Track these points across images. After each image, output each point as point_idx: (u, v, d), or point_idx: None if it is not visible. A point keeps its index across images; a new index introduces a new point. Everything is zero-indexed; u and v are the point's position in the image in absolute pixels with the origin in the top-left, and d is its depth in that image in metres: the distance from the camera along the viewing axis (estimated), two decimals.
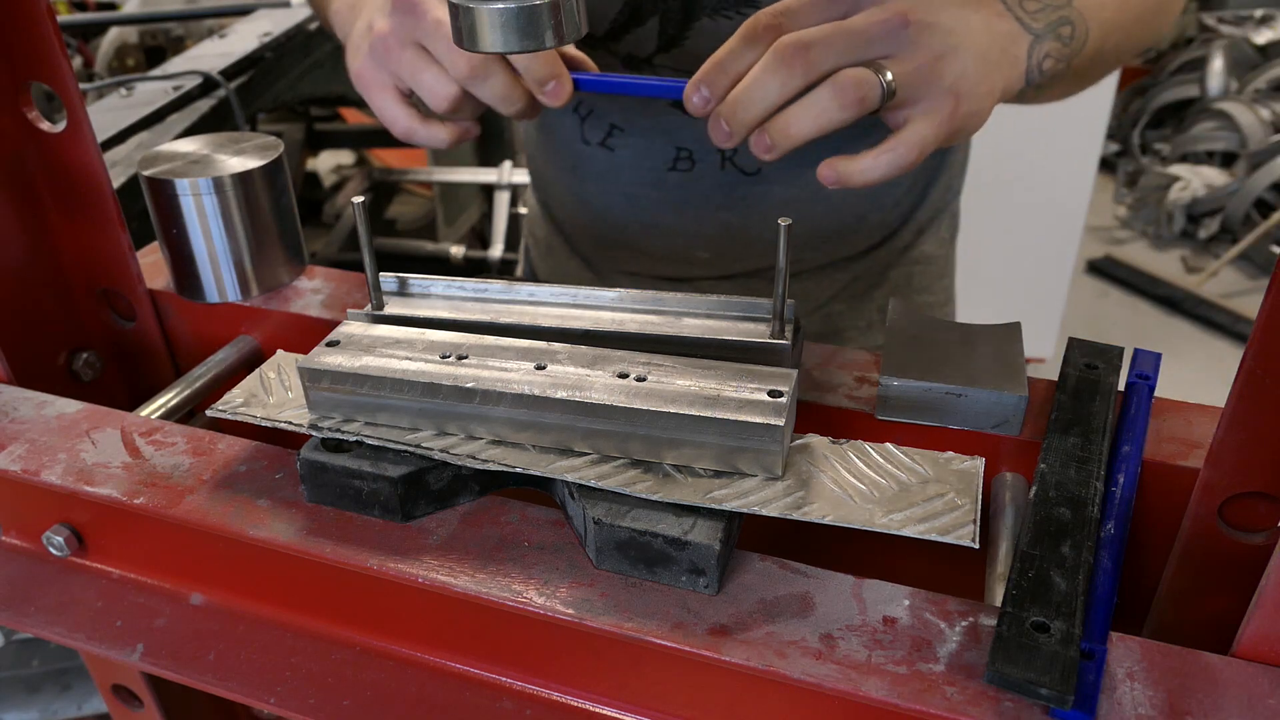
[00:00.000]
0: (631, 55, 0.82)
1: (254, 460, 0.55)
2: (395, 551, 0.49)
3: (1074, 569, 0.43)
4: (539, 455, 0.51)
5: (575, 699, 0.49)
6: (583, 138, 0.90)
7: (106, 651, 0.55)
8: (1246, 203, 3.40)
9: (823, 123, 0.57)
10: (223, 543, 0.53)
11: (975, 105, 0.60)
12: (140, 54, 1.95)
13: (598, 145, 0.89)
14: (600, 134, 0.88)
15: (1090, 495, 0.47)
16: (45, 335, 0.71)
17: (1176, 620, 0.53)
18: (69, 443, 0.58)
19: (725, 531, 0.46)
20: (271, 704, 0.52)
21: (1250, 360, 0.44)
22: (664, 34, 0.80)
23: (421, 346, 0.54)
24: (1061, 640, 0.40)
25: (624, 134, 0.87)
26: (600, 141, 0.88)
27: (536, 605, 0.46)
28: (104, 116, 1.26)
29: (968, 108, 0.60)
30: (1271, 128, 3.48)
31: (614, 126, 0.87)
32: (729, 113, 0.59)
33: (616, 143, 0.88)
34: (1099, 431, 0.52)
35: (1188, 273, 3.43)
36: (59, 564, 0.60)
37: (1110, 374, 0.57)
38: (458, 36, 0.52)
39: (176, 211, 0.67)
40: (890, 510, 0.46)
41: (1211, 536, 0.50)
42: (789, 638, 0.43)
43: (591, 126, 0.88)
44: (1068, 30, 0.65)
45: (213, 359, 0.70)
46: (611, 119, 0.87)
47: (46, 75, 0.63)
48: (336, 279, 0.74)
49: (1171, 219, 3.58)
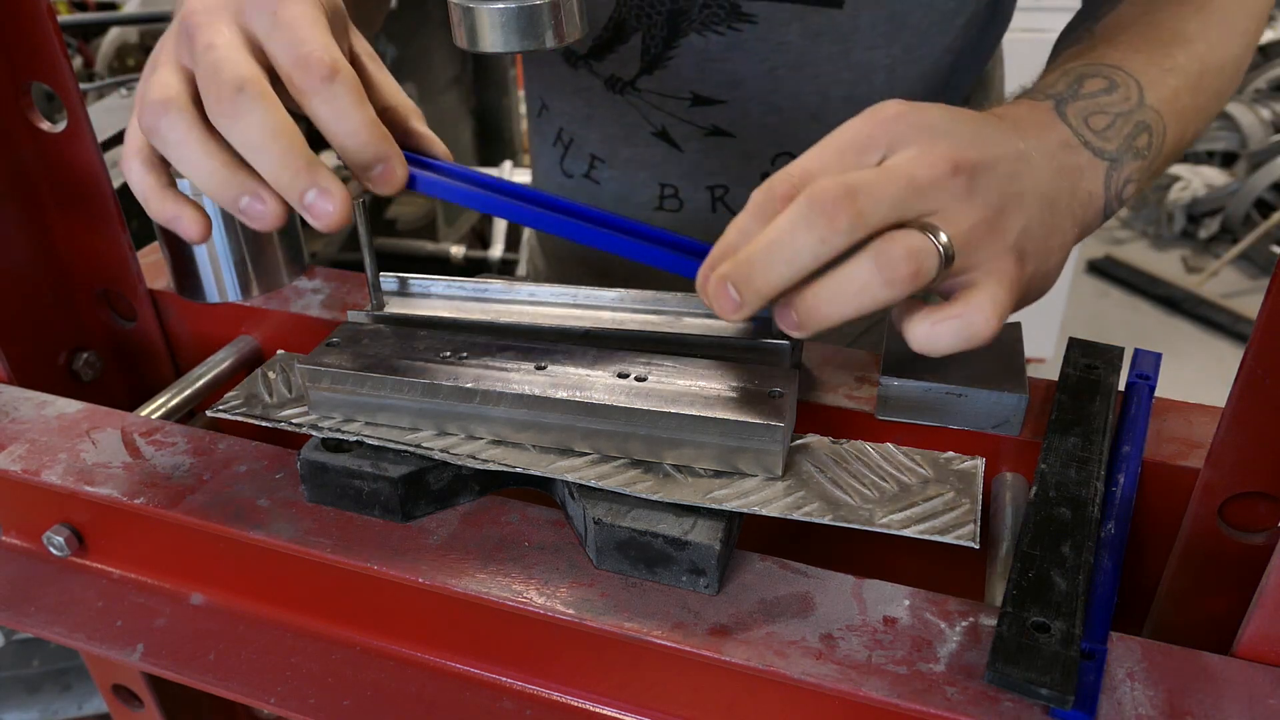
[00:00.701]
0: (615, 77, 0.78)
1: (254, 460, 0.55)
2: (395, 551, 0.49)
3: (1074, 569, 0.43)
4: (539, 455, 0.51)
5: (575, 699, 0.49)
6: (563, 170, 0.86)
7: (106, 651, 0.55)
8: (1247, 203, 3.40)
9: (864, 302, 0.43)
10: (223, 543, 0.53)
11: (1044, 265, 0.49)
12: (140, 54, 1.95)
13: (581, 178, 0.84)
14: (583, 166, 0.84)
15: (1090, 495, 0.47)
16: (45, 335, 0.71)
17: (1176, 620, 0.53)
18: (69, 443, 0.58)
19: (725, 531, 0.46)
20: (271, 704, 0.52)
21: (1250, 360, 0.44)
22: (648, 52, 0.75)
23: (422, 346, 0.54)
24: (1062, 640, 0.40)
25: (606, 165, 0.82)
26: (584, 174, 0.84)
27: (536, 605, 0.46)
28: (104, 116, 1.26)
29: (1035, 267, 0.48)
30: (1272, 128, 3.47)
31: (595, 158, 0.83)
32: (740, 275, 0.44)
33: (600, 175, 0.83)
34: (1099, 432, 0.52)
35: (1188, 273, 3.43)
36: (59, 564, 0.60)
37: (1110, 374, 0.57)
38: (457, 37, 0.52)
39: None
40: (890, 510, 0.46)
41: (1211, 536, 0.50)
42: (789, 638, 0.43)
43: (573, 158, 0.85)
44: (1145, 140, 0.54)
45: (213, 359, 0.70)
46: (591, 149, 0.83)
47: (46, 75, 0.63)
48: (336, 279, 0.74)
49: (1172, 219, 3.58)
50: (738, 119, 0.76)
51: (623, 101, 0.79)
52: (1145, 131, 0.54)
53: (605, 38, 0.77)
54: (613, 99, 0.80)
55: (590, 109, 0.82)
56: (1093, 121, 0.52)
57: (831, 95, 0.74)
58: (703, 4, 0.72)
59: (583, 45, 0.78)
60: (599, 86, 0.79)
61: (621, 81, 0.78)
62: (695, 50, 0.74)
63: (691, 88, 0.76)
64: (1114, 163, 0.52)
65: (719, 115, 0.77)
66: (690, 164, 0.80)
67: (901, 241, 0.43)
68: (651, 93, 0.78)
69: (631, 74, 0.77)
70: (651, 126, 0.79)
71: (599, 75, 0.79)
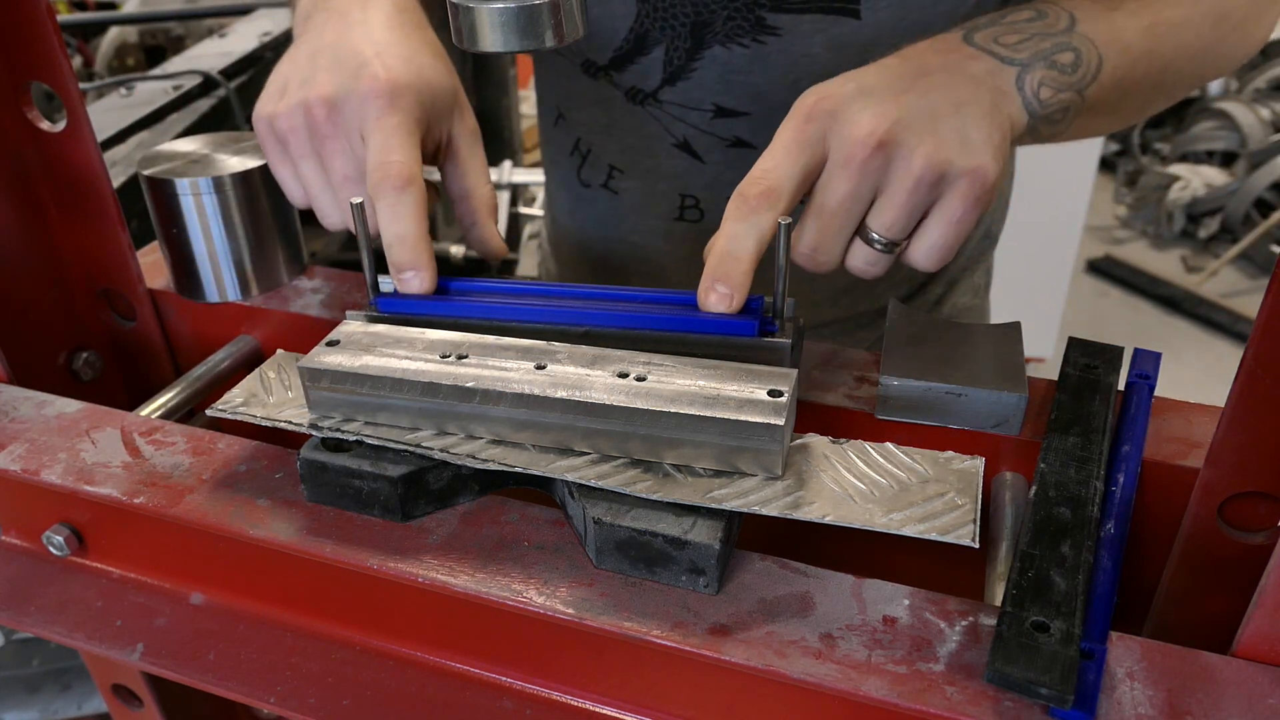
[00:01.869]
0: (636, 88, 0.78)
1: (254, 460, 0.55)
2: (395, 551, 0.49)
3: (1074, 569, 0.43)
4: (539, 455, 0.51)
5: (575, 699, 0.49)
6: (580, 179, 0.85)
7: (106, 651, 0.55)
8: (1246, 202, 3.40)
9: None
10: (223, 542, 0.53)
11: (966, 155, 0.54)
12: (140, 53, 1.95)
13: (600, 187, 0.84)
14: (601, 176, 0.84)
15: (1090, 495, 0.47)
16: (45, 335, 0.71)
17: (1176, 620, 0.53)
18: (69, 442, 0.58)
19: (725, 531, 0.46)
20: (271, 704, 0.52)
21: (1250, 360, 0.44)
22: (670, 64, 0.76)
23: (421, 346, 0.54)
24: (1062, 640, 0.40)
25: (625, 175, 0.82)
26: (603, 184, 0.84)
27: (536, 605, 0.46)
28: (104, 116, 1.26)
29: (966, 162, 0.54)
30: (1271, 127, 3.47)
31: (613, 168, 0.83)
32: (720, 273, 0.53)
33: (619, 185, 0.83)
34: (1099, 431, 0.52)
35: (1188, 272, 3.43)
36: (59, 563, 0.60)
37: (1110, 374, 0.57)
38: (457, 37, 0.52)
39: (176, 211, 0.67)
40: (890, 510, 0.46)
41: (1211, 536, 0.50)
42: (789, 637, 0.43)
43: (591, 167, 0.84)
44: (1068, 57, 0.59)
45: (213, 359, 0.70)
46: (609, 159, 0.83)
47: (46, 75, 0.63)
48: (336, 279, 0.74)
49: (1171, 219, 3.58)
50: (761, 131, 0.76)
51: (644, 113, 0.79)
52: (1069, 51, 0.59)
53: (626, 49, 0.76)
54: (633, 110, 0.79)
55: (610, 119, 0.81)
56: (1003, 38, 0.59)
57: None
58: (726, 16, 0.72)
59: (603, 56, 0.78)
60: (619, 98, 0.79)
61: (643, 93, 0.78)
62: (719, 62, 0.74)
63: (714, 99, 0.76)
64: (1024, 68, 0.58)
65: (742, 127, 0.77)
66: (712, 175, 0.80)
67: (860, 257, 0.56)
68: (674, 104, 0.78)
69: (653, 85, 0.77)
70: (673, 138, 0.79)
71: (619, 86, 0.79)
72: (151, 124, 1.27)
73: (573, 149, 0.86)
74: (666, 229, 0.83)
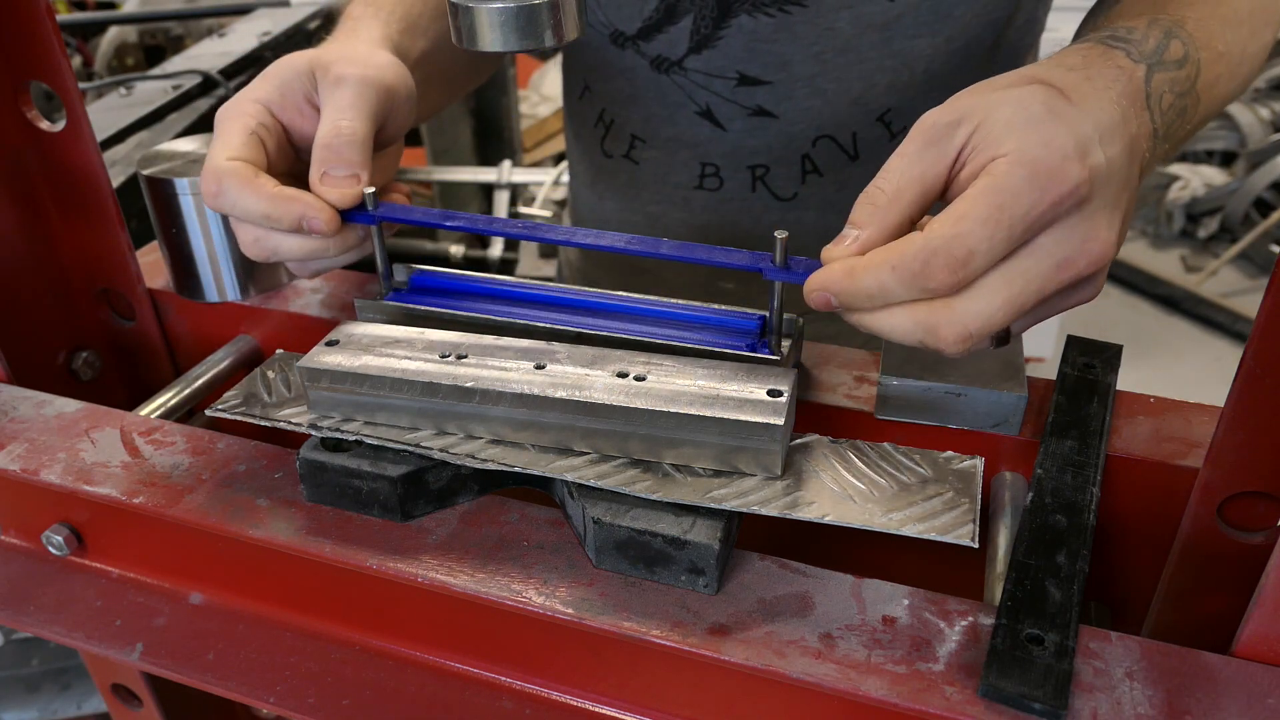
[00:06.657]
0: (662, 57, 0.79)
1: (253, 460, 0.55)
2: (395, 551, 0.49)
3: (1069, 579, 0.43)
4: (538, 455, 0.51)
5: (575, 699, 0.49)
6: (603, 151, 0.87)
7: (106, 651, 0.55)
8: (1246, 202, 3.40)
9: None
10: (222, 542, 0.53)
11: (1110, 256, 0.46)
12: (140, 53, 1.95)
13: (621, 158, 0.85)
14: (623, 146, 0.85)
15: (1086, 501, 0.47)
16: (45, 335, 0.71)
17: (1176, 620, 0.53)
18: (68, 442, 0.57)
19: (725, 531, 0.46)
20: (271, 703, 0.52)
21: (1250, 360, 0.44)
22: (697, 33, 0.77)
23: (421, 346, 0.54)
24: (1055, 653, 0.40)
25: (646, 145, 0.84)
26: (624, 154, 0.85)
27: (536, 605, 0.46)
28: (104, 116, 1.26)
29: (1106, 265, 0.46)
30: (1271, 127, 3.47)
31: (635, 138, 0.84)
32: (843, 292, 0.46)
33: (640, 155, 0.84)
34: (1096, 435, 0.52)
35: (1187, 272, 3.43)
36: (58, 563, 0.60)
37: (1108, 373, 0.56)
38: (456, 37, 0.52)
39: (176, 211, 0.67)
40: (890, 510, 0.46)
41: (1211, 536, 0.50)
42: (788, 637, 0.43)
43: (613, 138, 0.85)
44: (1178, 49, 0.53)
45: (212, 359, 0.70)
46: (632, 129, 0.84)
47: (46, 75, 0.63)
48: (336, 279, 0.74)
49: (1171, 218, 3.57)
50: (783, 100, 0.78)
51: (668, 81, 0.80)
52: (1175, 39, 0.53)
53: (655, 19, 0.78)
54: (658, 79, 0.81)
55: (634, 89, 0.83)
56: (1165, 99, 0.52)
57: (876, 81, 0.76)
58: None
59: (632, 26, 0.79)
60: (644, 67, 0.80)
61: (668, 61, 0.79)
62: (745, 31, 0.75)
63: (739, 67, 0.77)
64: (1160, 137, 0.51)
65: (764, 96, 0.78)
66: (732, 143, 0.80)
67: None
68: (698, 72, 0.79)
69: (679, 54, 0.79)
70: (696, 106, 0.80)
71: (645, 56, 0.80)
72: (151, 124, 1.27)
73: (597, 120, 0.87)
74: (685, 197, 0.84)
